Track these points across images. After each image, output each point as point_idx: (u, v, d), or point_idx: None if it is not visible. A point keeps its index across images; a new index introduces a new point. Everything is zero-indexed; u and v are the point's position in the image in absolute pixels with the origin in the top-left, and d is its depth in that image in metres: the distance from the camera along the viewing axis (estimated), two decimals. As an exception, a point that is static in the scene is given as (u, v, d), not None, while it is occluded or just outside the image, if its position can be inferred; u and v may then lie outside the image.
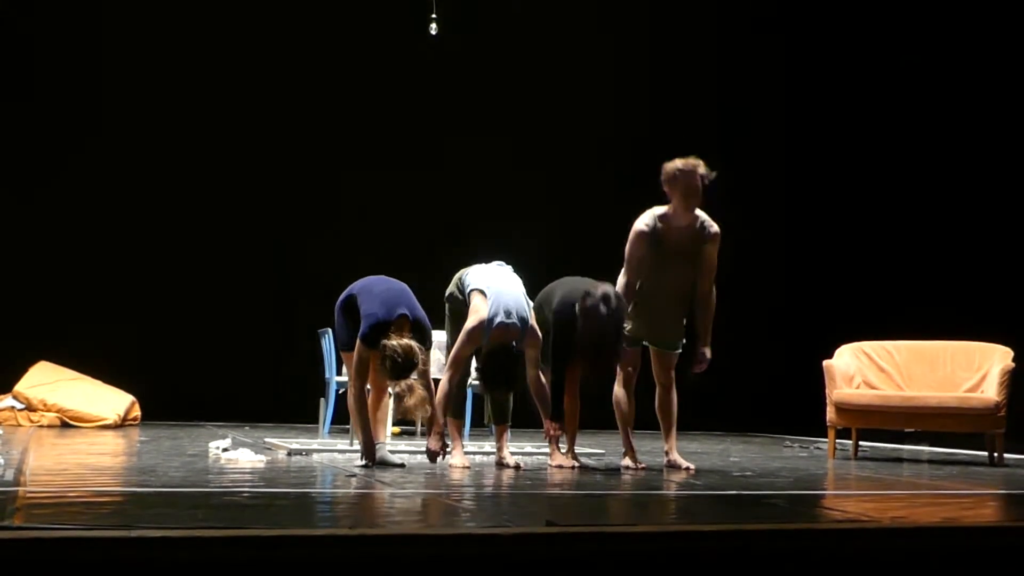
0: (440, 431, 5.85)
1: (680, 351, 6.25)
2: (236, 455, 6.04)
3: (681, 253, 6.06)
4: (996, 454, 7.20)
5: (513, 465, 5.94)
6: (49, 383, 9.05)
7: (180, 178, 10.14)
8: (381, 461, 5.81)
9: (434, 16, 8.82)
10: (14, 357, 9.20)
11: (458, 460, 5.95)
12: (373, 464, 5.78)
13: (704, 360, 6.10)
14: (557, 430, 6.02)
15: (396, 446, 6.88)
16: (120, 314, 9.77)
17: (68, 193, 9.87)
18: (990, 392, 7.21)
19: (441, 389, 5.94)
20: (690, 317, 6.25)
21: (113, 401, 9.08)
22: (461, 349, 5.91)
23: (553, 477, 5.59)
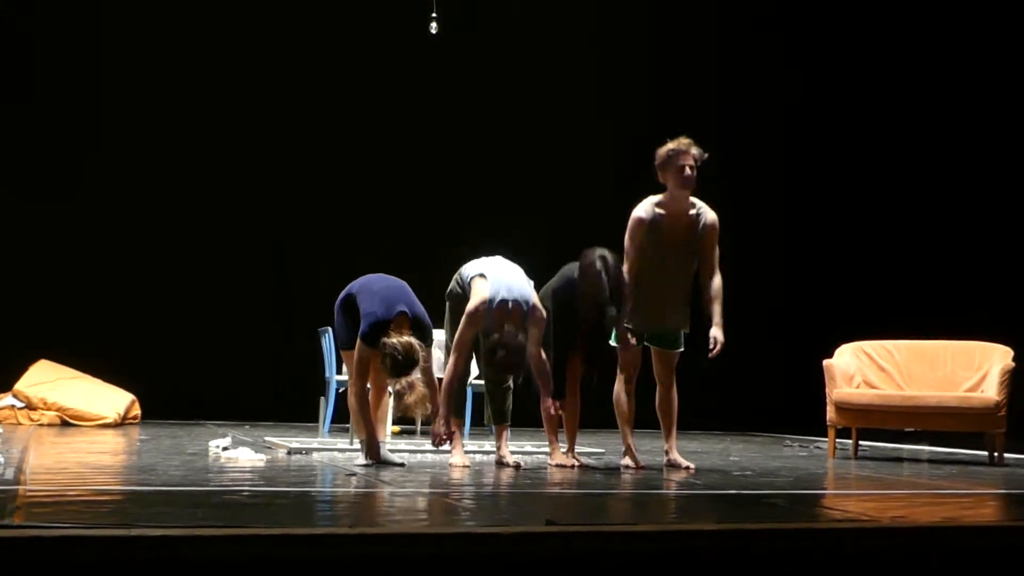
0: (446, 416, 5.85)
1: (682, 349, 6.25)
2: (236, 454, 6.04)
3: (680, 240, 6.07)
4: (996, 454, 7.19)
5: (513, 464, 5.94)
6: (49, 382, 9.05)
7: (180, 177, 10.14)
8: (381, 460, 5.81)
9: (434, 15, 8.82)
10: (14, 356, 9.21)
11: (458, 459, 5.95)
12: (377, 462, 5.78)
13: (717, 344, 5.99)
14: (558, 409, 6.02)
15: (396, 445, 6.88)
16: (120, 313, 9.77)
17: (69, 192, 9.88)
18: (990, 392, 7.21)
19: (447, 375, 5.92)
20: (697, 308, 6.24)
21: (113, 400, 9.08)
22: (464, 332, 5.88)
23: (553, 476, 5.59)
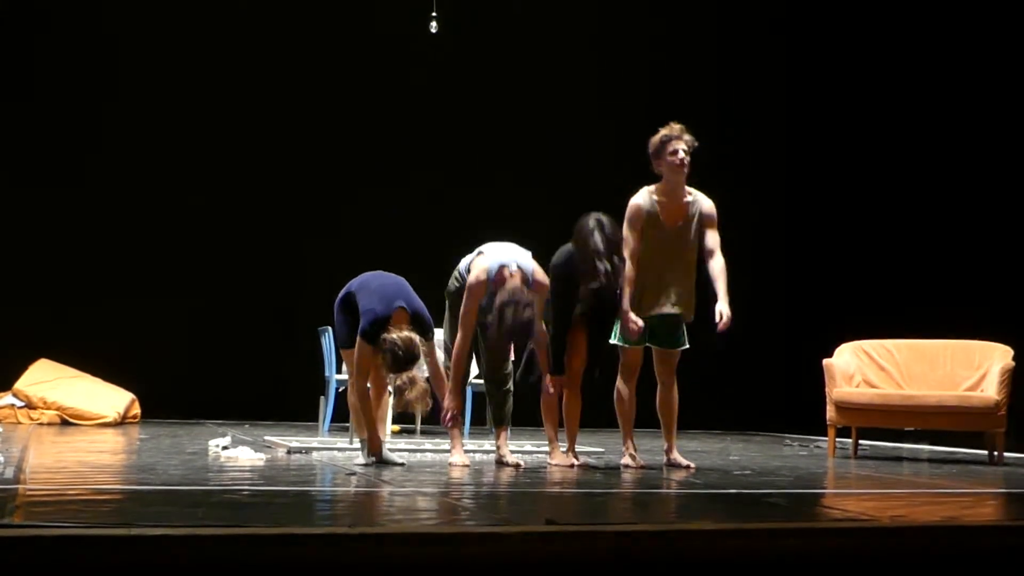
0: (456, 390, 5.86)
1: (686, 346, 6.24)
2: (236, 453, 6.04)
3: (679, 226, 6.11)
4: (996, 453, 7.19)
5: (513, 464, 5.94)
6: (49, 381, 9.06)
7: (180, 178, 10.15)
8: (383, 458, 5.80)
9: (434, 14, 8.81)
10: (14, 355, 9.22)
11: (458, 459, 5.95)
12: (379, 458, 5.78)
13: (723, 317, 5.98)
14: (557, 386, 6.00)
15: (396, 445, 6.88)
16: (120, 312, 9.77)
17: (69, 192, 9.88)
18: (990, 391, 7.21)
19: (455, 350, 5.89)
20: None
21: (113, 399, 9.09)
22: (467, 306, 5.86)
23: (553, 476, 5.59)
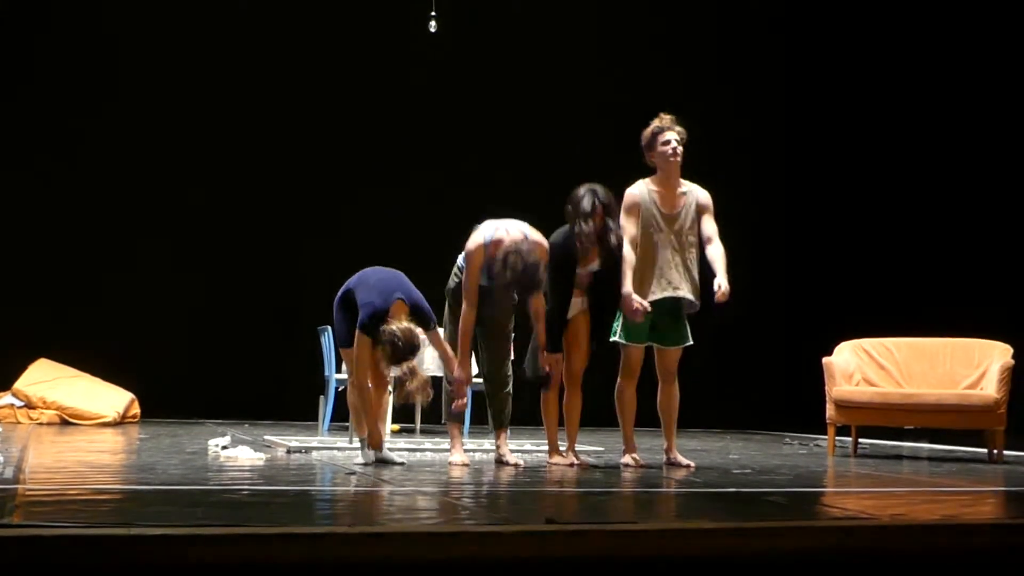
0: (465, 361, 5.86)
1: (690, 343, 6.24)
2: (235, 453, 6.04)
3: (676, 213, 6.15)
4: (995, 451, 7.18)
5: (513, 463, 5.94)
6: (48, 380, 9.06)
7: (181, 178, 10.15)
8: (381, 459, 5.80)
9: (434, 13, 8.81)
10: (14, 354, 9.22)
11: (458, 458, 5.95)
12: (380, 454, 5.80)
13: (720, 288, 6.00)
14: (555, 364, 6.00)
15: (396, 444, 6.88)
16: (120, 312, 9.78)
17: (69, 191, 9.89)
18: (989, 389, 7.20)
19: (462, 323, 5.87)
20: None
21: (112, 399, 9.09)
22: (469, 276, 5.88)
23: (553, 475, 5.59)
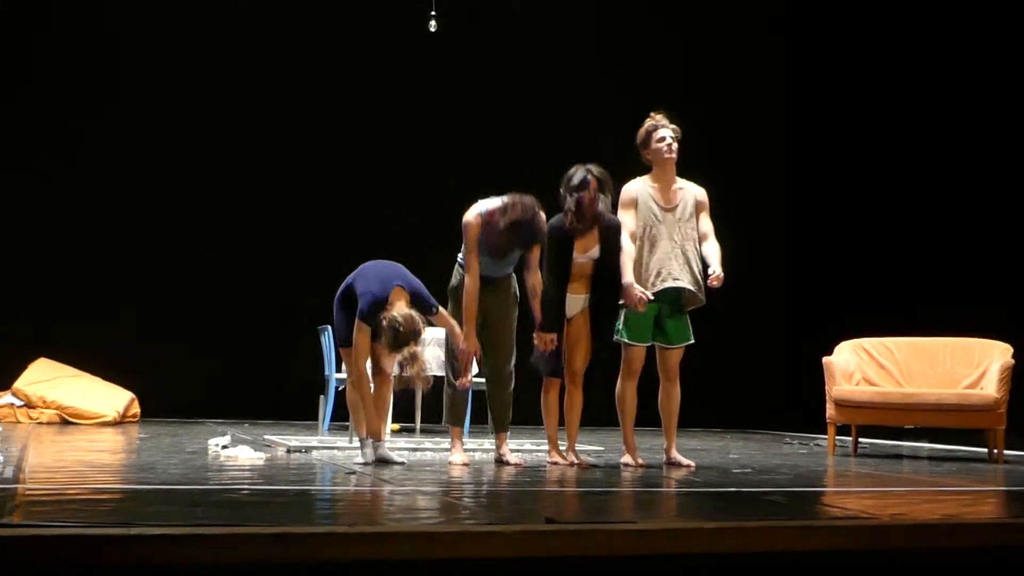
0: (471, 333, 5.85)
1: (691, 341, 6.25)
2: (235, 452, 6.04)
3: (674, 207, 6.18)
4: (996, 450, 7.19)
5: (513, 463, 5.94)
6: (48, 380, 9.06)
7: (180, 178, 10.15)
8: (381, 459, 5.80)
9: (434, 13, 8.81)
10: (14, 354, 9.22)
11: (458, 458, 5.95)
12: (379, 444, 5.82)
13: (715, 274, 6.04)
14: (551, 343, 5.99)
15: (395, 444, 6.88)
16: (120, 311, 9.77)
17: (68, 190, 9.88)
18: (990, 389, 7.20)
19: (465, 295, 5.85)
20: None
21: (112, 398, 9.08)
22: (468, 247, 5.87)
23: (553, 474, 5.59)
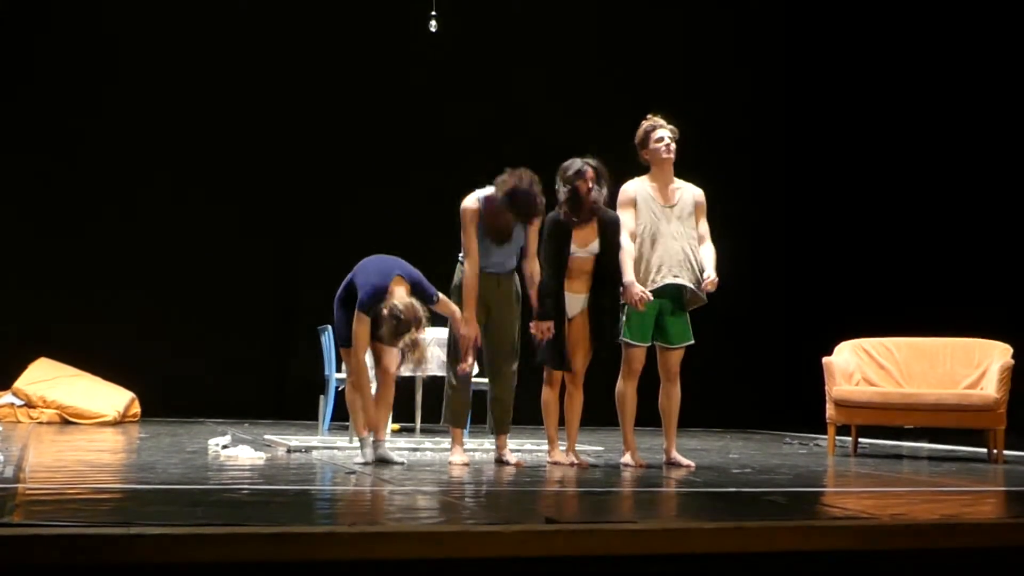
0: (471, 318, 5.86)
1: (691, 342, 6.25)
2: (236, 452, 6.04)
3: (673, 206, 6.20)
4: (995, 451, 7.19)
5: (513, 463, 5.95)
6: (49, 379, 9.06)
7: (181, 178, 10.15)
8: (381, 459, 5.80)
9: (434, 13, 8.82)
10: (14, 353, 9.22)
11: (458, 458, 5.95)
12: (378, 441, 5.82)
13: (709, 279, 6.10)
14: (547, 331, 5.99)
15: (395, 444, 6.88)
16: (120, 311, 9.78)
17: (68, 190, 9.89)
18: (989, 389, 7.21)
19: (466, 278, 5.89)
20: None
21: (112, 398, 9.09)
22: (466, 233, 5.90)
23: (553, 474, 5.59)
